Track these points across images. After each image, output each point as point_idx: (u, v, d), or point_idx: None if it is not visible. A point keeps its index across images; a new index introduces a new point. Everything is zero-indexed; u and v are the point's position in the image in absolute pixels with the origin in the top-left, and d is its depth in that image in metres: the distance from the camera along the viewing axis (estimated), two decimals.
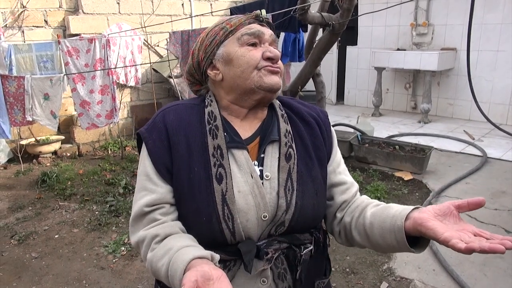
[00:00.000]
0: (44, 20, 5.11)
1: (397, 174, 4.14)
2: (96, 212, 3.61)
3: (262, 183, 0.93)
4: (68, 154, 5.27)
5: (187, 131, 0.95)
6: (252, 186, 0.91)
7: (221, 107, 1.00)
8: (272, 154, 0.96)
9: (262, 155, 0.96)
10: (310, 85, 4.43)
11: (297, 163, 0.96)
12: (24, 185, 4.30)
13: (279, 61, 0.99)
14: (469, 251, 0.70)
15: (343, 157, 1.10)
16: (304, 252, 0.94)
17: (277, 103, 1.04)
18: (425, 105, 5.99)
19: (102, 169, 4.66)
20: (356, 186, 1.06)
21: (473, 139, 5.15)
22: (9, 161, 4.97)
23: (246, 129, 0.99)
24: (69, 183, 4.28)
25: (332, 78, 7.59)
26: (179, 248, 0.83)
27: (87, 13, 5.30)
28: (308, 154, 0.98)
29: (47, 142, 5.07)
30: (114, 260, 2.87)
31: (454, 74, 6.21)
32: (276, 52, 0.97)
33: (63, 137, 5.30)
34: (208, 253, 0.82)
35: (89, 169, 4.71)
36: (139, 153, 1.00)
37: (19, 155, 4.76)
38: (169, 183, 0.93)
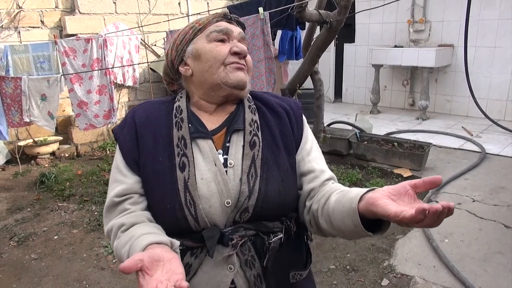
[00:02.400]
0: (41, 20, 5.09)
1: (396, 171, 4.15)
2: (95, 213, 3.60)
3: (226, 171, 0.94)
4: (66, 155, 5.26)
5: (154, 124, 0.99)
6: (215, 173, 0.93)
7: (192, 103, 1.05)
8: (236, 143, 0.98)
9: (227, 144, 0.98)
10: (308, 83, 4.42)
11: (262, 150, 0.97)
12: (23, 187, 4.28)
13: (248, 57, 1.03)
14: (419, 212, 0.67)
15: (341, 155, 1.10)
16: (272, 240, 0.94)
17: (246, 96, 1.07)
18: (423, 102, 6.00)
19: (100, 170, 4.65)
20: (327, 174, 1.03)
21: (472, 135, 5.16)
22: (7, 162, 4.96)
23: (213, 121, 1.02)
24: (67, 184, 4.27)
25: (330, 76, 7.59)
26: (140, 235, 0.85)
27: (84, 13, 5.28)
28: (275, 142, 1.00)
29: (45, 143, 5.06)
30: (114, 261, 2.86)
31: (451, 71, 6.22)
32: (243, 47, 1.01)
33: (61, 138, 5.28)
34: (167, 239, 0.84)
35: (88, 169, 4.70)
36: None
37: (17, 156, 4.74)
38: (137, 174, 0.97)
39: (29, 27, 5.00)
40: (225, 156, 0.97)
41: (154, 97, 5.73)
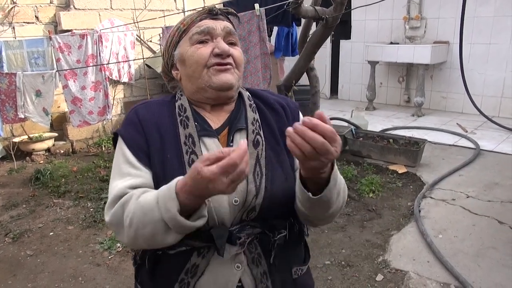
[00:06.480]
0: (35, 16, 5.05)
1: (391, 167, 4.17)
2: (91, 209, 3.60)
3: None
4: (62, 151, 5.24)
5: (158, 124, 0.98)
6: None
7: (190, 101, 1.04)
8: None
9: (231, 144, 0.98)
10: (304, 80, 4.43)
11: (265, 149, 0.98)
12: (18, 183, 4.26)
13: (235, 53, 0.99)
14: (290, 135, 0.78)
15: None
16: (277, 237, 0.95)
17: (246, 94, 1.07)
18: (419, 99, 6.02)
19: (96, 166, 4.64)
20: None
21: (466, 131, 5.19)
22: (2, 159, 4.93)
23: (214, 120, 1.02)
24: (63, 180, 4.25)
25: (325, 72, 7.59)
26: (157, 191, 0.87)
27: (79, 9, 5.24)
28: (275, 140, 1.00)
29: (40, 139, 5.03)
30: (109, 257, 2.86)
31: (447, 68, 6.24)
32: (224, 47, 0.97)
33: (56, 134, 5.26)
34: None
35: (83, 166, 4.68)
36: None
37: (12, 152, 4.72)
38: (149, 168, 0.95)
39: (24, 22, 4.96)
40: None
41: (150, 93, 5.71)
